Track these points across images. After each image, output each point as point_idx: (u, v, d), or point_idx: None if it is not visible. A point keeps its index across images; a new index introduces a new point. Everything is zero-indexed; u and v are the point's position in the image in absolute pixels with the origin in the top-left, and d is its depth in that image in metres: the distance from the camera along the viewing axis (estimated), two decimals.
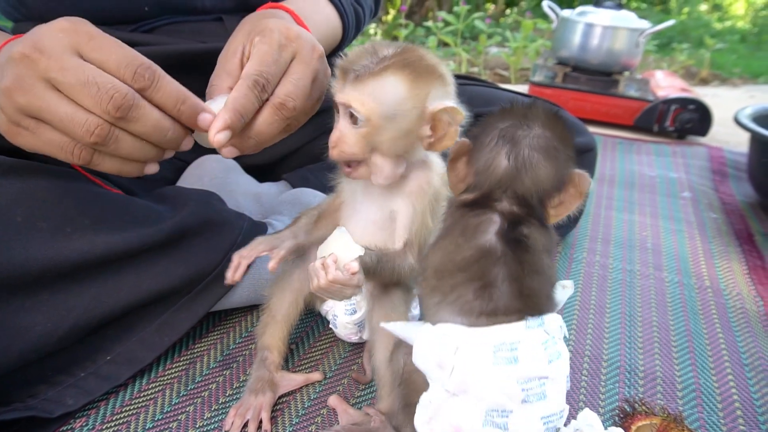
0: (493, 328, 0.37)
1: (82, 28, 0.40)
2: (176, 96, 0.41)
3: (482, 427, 0.37)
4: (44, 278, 0.47)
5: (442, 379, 0.38)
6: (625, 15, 1.49)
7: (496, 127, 0.41)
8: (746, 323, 0.70)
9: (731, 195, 1.11)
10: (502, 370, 0.37)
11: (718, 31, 3.79)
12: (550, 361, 0.38)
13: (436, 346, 0.38)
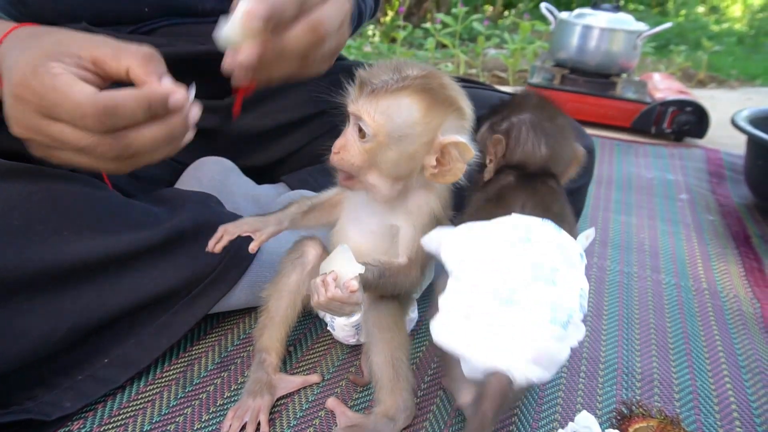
0: (511, 216, 0.43)
1: (32, 86, 0.38)
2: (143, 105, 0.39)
3: (492, 302, 0.39)
4: (42, 281, 0.47)
5: (457, 271, 0.42)
6: (623, 17, 1.49)
7: (524, 121, 0.52)
8: (743, 325, 0.70)
9: (728, 197, 1.11)
10: (515, 247, 0.40)
11: (715, 33, 3.80)
12: (563, 253, 0.41)
13: (462, 238, 0.42)
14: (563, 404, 0.55)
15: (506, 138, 0.51)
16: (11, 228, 0.45)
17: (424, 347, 0.61)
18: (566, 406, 0.55)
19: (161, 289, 0.54)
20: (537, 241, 0.41)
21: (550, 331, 0.39)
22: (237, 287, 0.59)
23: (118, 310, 0.51)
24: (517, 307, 0.39)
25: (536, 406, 0.55)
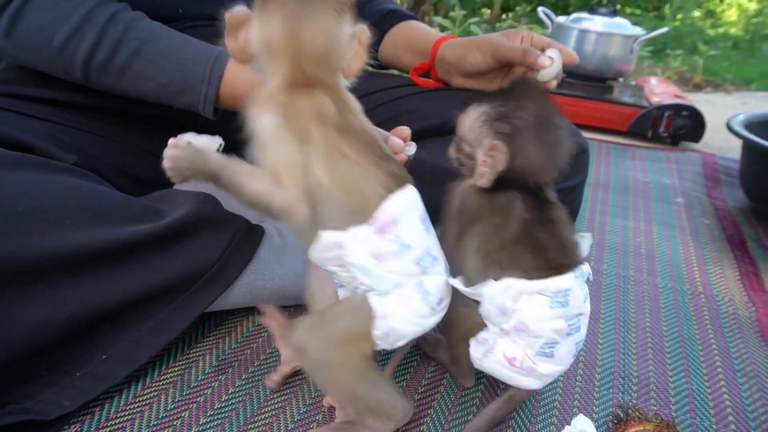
0: (551, 279, 0.46)
1: None
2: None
3: (534, 356, 0.47)
4: (41, 270, 0.47)
5: (500, 322, 0.47)
6: (619, 22, 1.50)
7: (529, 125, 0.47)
8: (738, 329, 0.71)
9: (724, 201, 1.12)
10: (556, 312, 0.46)
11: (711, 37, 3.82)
12: (584, 300, 0.48)
13: (500, 296, 0.46)
14: (560, 408, 0.55)
15: (509, 145, 0.46)
16: (14, 216, 0.46)
17: None
18: (563, 410, 0.55)
19: (160, 284, 0.54)
20: (572, 302, 0.47)
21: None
22: (235, 286, 0.60)
23: (117, 303, 0.51)
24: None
25: (533, 409, 0.55)
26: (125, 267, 0.52)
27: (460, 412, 0.54)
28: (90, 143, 0.65)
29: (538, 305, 0.46)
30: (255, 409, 0.52)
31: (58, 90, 0.65)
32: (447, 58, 0.77)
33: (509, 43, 0.71)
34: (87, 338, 0.51)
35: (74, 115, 0.66)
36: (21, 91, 0.64)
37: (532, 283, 0.46)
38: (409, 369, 0.59)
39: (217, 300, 0.59)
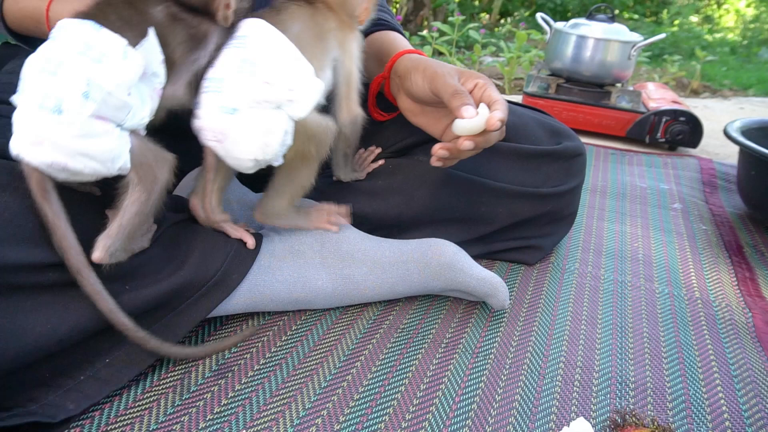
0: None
1: None
2: None
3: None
4: (46, 279, 0.47)
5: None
6: (618, 28, 1.51)
7: None
8: (735, 335, 0.71)
9: (721, 206, 1.13)
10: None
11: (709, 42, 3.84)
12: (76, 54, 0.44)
13: None
14: (557, 413, 0.56)
15: None
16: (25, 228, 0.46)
17: (434, 330, 0.62)
18: (560, 415, 0.55)
19: (164, 293, 0.54)
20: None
21: (35, 116, 0.43)
22: (236, 291, 0.60)
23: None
24: (20, 96, 0.44)
25: (530, 415, 0.55)
26: (131, 278, 0.52)
27: (461, 413, 0.54)
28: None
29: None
30: (254, 413, 0.53)
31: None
32: (398, 71, 0.70)
33: (450, 80, 0.62)
34: (90, 344, 0.51)
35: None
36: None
37: None
38: (411, 365, 0.59)
39: (218, 306, 0.59)
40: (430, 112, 0.69)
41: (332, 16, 0.62)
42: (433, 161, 0.64)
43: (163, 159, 0.51)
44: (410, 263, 0.66)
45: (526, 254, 0.81)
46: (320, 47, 0.60)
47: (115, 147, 0.45)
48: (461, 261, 0.67)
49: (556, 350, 0.65)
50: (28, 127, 0.43)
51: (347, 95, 0.65)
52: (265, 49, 0.53)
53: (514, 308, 0.72)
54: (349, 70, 0.64)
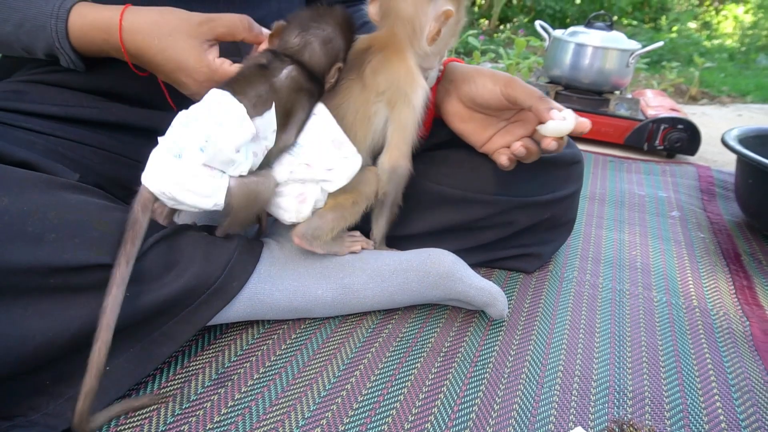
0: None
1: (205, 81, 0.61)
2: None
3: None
4: (49, 286, 0.47)
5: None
6: (616, 36, 1.52)
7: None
8: (732, 343, 0.71)
9: (719, 214, 1.13)
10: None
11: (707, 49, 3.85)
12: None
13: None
14: (555, 422, 0.56)
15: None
16: (25, 234, 0.47)
17: (433, 339, 0.62)
18: (558, 424, 0.56)
19: (165, 300, 0.54)
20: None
21: (163, 157, 0.54)
22: (236, 299, 0.60)
23: (123, 319, 0.51)
24: (161, 138, 0.56)
25: (529, 425, 0.55)
26: (132, 284, 0.52)
27: (462, 413, 0.55)
28: (91, 157, 0.66)
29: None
30: (254, 422, 0.53)
31: (58, 105, 0.67)
32: (452, 76, 0.71)
33: (528, 86, 0.65)
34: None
35: (75, 129, 0.67)
36: (21, 107, 0.65)
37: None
38: (410, 374, 0.59)
39: (219, 313, 0.59)
40: (479, 119, 0.71)
41: (390, 66, 0.63)
42: (503, 160, 0.68)
43: (267, 179, 0.61)
44: (409, 273, 0.66)
45: (525, 262, 0.82)
46: (366, 121, 0.64)
47: (216, 187, 0.55)
48: (460, 271, 0.67)
49: (554, 359, 0.65)
50: (156, 163, 0.54)
51: (395, 144, 0.65)
52: (312, 133, 0.62)
53: (512, 317, 0.72)
54: (405, 122, 0.64)
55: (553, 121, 0.62)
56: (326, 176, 0.62)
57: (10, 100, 0.65)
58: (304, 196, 0.63)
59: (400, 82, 0.63)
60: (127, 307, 0.51)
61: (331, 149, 0.62)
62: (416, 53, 0.64)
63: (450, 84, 0.71)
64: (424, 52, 0.65)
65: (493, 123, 0.70)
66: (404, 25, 0.63)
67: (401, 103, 0.64)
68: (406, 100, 0.63)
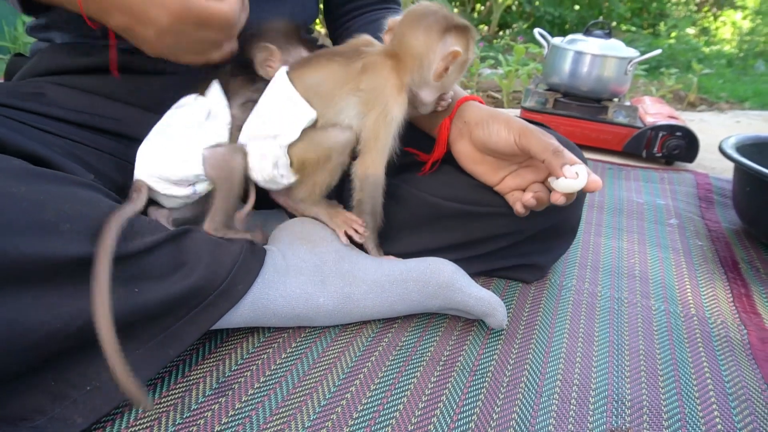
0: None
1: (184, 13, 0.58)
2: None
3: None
4: (59, 276, 0.48)
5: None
6: (614, 44, 1.53)
7: None
8: (730, 352, 0.72)
9: (717, 222, 1.14)
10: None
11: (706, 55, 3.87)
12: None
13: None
14: (554, 431, 0.56)
15: None
16: (39, 223, 0.48)
17: (432, 347, 0.62)
18: None
19: (172, 298, 0.55)
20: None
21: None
22: (240, 303, 0.61)
23: (129, 315, 0.52)
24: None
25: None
26: (141, 281, 0.53)
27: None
28: (105, 163, 0.67)
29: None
30: (255, 431, 0.53)
31: (76, 111, 0.69)
32: (466, 117, 0.72)
33: (544, 137, 0.64)
34: (97, 352, 0.51)
35: (91, 135, 0.69)
36: (41, 109, 0.67)
37: None
38: (410, 384, 0.60)
39: (223, 317, 0.60)
40: (491, 162, 0.71)
41: (380, 73, 0.66)
42: (518, 207, 0.69)
43: (234, 150, 0.68)
44: (409, 282, 0.67)
45: (525, 272, 0.82)
46: (331, 101, 0.66)
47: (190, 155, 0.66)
48: (459, 280, 0.67)
49: (553, 368, 0.65)
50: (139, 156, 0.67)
51: (367, 152, 0.67)
52: (268, 92, 0.68)
53: (511, 326, 0.73)
54: (378, 132, 0.66)
55: (564, 179, 0.63)
56: (278, 130, 0.66)
57: (31, 101, 0.67)
58: (264, 152, 0.67)
59: (384, 91, 0.66)
60: (136, 304, 0.52)
61: (286, 106, 0.66)
62: (413, 79, 0.67)
63: (463, 125, 0.72)
64: (423, 83, 0.68)
65: (504, 166, 0.71)
66: (413, 59, 0.66)
67: (377, 112, 0.65)
68: (383, 111, 0.65)
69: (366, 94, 0.66)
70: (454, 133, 0.74)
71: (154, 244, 0.55)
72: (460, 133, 0.73)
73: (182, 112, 0.68)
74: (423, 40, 0.65)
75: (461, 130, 0.73)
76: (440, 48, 0.65)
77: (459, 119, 0.73)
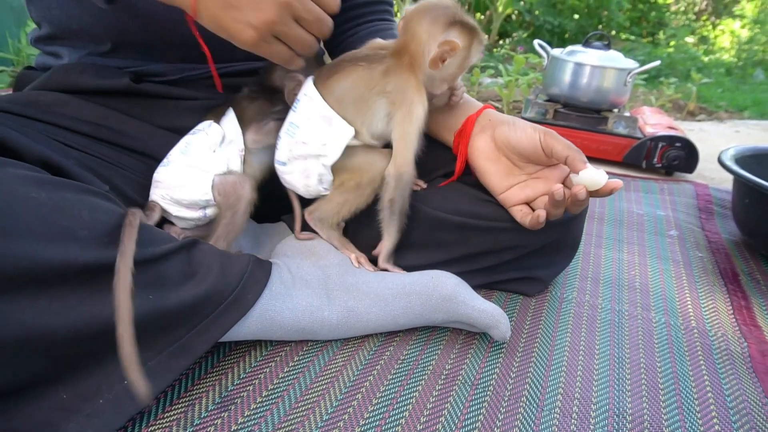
0: None
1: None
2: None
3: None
4: (76, 282, 0.48)
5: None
6: (613, 55, 1.54)
7: None
8: (731, 365, 0.72)
9: (717, 233, 1.14)
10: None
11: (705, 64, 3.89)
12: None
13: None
14: None
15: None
16: (57, 227, 0.48)
17: (434, 361, 0.62)
18: None
19: (186, 303, 0.55)
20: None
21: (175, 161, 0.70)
22: (249, 315, 0.61)
23: (142, 321, 0.52)
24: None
25: None
26: (155, 288, 0.54)
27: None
28: (119, 178, 0.68)
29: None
30: None
31: (93, 124, 0.70)
32: (491, 116, 0.75)
33: (563, 138, 0.69)
34: (108, 363, 0.52)
35: (106, 149, 0.70)
36: (59, 121, 0.68)
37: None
38: (411, 397, 0.60)
39: (232, 328, 0.60)
40: (505, 164, 0.73)
41: (401, 74, 0.68)
42: (530, 221, 0.70)
43: (243, 181, 0.69)
44: (412, 296, 0.67)
45: (526, 285, 0.82)
46: (364, 105, 0.69)
47: (201, 180, 0.68)
48: (462, 293, 0.68)
49: (554, 382, 0.66)
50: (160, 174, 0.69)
51: (400, 153, 0.69)
52: (304, 112, 0.69)
53: (512, 338, 0.73)
54: (406, 131, 0.68)
55: (587, 170, 0.66)
56: (322, 151, 0.68)
57: (49, 112, 0.69)
58: (308, 172, 0.70)
59: (408, 91, 0.68)
60: (150, 310, 0.52)
61: (323, 125, 0.68)
62: (423, 73, 0.69)
63: (487, 122, 0.75)
64: (427, 73, 0.69)
65: (516, 173, 0.73)
66: (416, 44, 0.68)
67: (404, 112, 0.68)
68: (409, 110, 0.68)
69: (392, 95, 0.68)
70: (476, 129, 0.75)
71: (168, 252, 0.56)
72: (483, 129, 0.74)
73: (198, 138, 0.69)
74: (426, 29, 0.67)
75: (484, 127, 0.75)
76: (441, 36, 0.67)
77: (483, 117, 0.75)
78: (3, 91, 1.89)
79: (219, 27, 0.60)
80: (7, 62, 2.10)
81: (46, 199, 0.49)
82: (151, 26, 0.71)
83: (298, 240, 0.73)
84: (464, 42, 0.68)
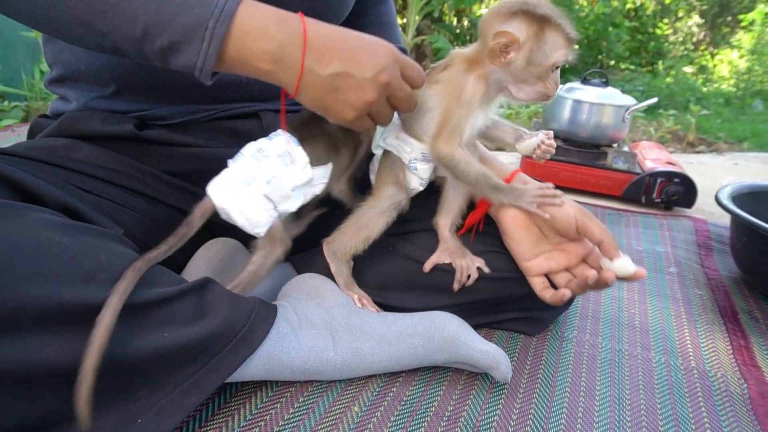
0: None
1: (396, 56, 0.62)
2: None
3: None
4: (92, 322, 0.50)
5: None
6: (611, 92, 1.57)
7: None
8: (731, 407, 0.73)
9: (716, 270, 1.15)
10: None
11: (704, 94, 3.94)
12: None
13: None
14: None
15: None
16: (79, 272, 0.51)
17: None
18: None
19: (198, 339, 0.57)
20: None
21: (234, 180, 0.64)
22: (256, 354, 0.62)
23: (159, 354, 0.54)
24: (232, 162, 0.66)
25: None
26: (169, 325, 0.56)
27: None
28: (133, 222, 0.71)
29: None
30: None
31: (107, 169, 0.73)
32: (526, 180, 0.76)
33: (598, 220, 0.70)
34: (121, 401, 0.53)
35: (120, 192, 0.73)
36: (72, 166, 0.71)
37: None
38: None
39: (239, 369, 0.61)
40: (535, 234, 0.74)
41: (460, 67, 0.68)
42: (552, 297, 0.71)
43: (284, 241, 0.71)
44: (415, 337, 0.69)
45: (528, 325, 0.84)
46: (421, 105, 0.70)
47: (264, 218, 0.65)
48: (464, 335, 0.69)
49: (555, 423, 0.67)
50: (226, 183, 0.64)
51: (438, 132, 0.68)
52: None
53: (513, 379, 0.74)
54: (449, 112, 0.67)
55: (621, 259, 0.68)
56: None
57: (63, 157, 0.72)
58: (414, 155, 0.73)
59: (461, 78, 0.67)
60: (164, 346, 0.54)
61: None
62: (485, 68, 0.67)
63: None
64: (494, 70, 0.66)
65: (543, 243, 0.74)
66: (482, 37, 0.66)
67: (452, 95, 0.67)
68: (456, 92, 0.67)
69: (445, 85, 0.68)
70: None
71: (181, 291, 0.58)
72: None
73: (293, 168, 0.65)
74: (489, 21, 0.65)
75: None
76: (497, 29, 0.63)
77: (517, 181, 0.75)
78: (17, 126, 1.94)
79: (319, 106, 0.61)
80: (21, 98, 2.16)
81: (68, 244, 0.51)
82: (153, 68, 0.74)
83: (302, 281, 0.75)
84: (527, 33, 0.62)
